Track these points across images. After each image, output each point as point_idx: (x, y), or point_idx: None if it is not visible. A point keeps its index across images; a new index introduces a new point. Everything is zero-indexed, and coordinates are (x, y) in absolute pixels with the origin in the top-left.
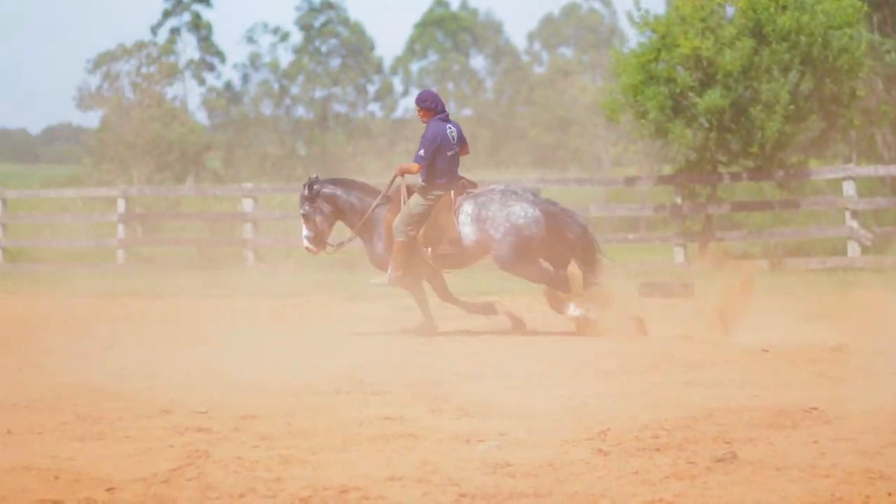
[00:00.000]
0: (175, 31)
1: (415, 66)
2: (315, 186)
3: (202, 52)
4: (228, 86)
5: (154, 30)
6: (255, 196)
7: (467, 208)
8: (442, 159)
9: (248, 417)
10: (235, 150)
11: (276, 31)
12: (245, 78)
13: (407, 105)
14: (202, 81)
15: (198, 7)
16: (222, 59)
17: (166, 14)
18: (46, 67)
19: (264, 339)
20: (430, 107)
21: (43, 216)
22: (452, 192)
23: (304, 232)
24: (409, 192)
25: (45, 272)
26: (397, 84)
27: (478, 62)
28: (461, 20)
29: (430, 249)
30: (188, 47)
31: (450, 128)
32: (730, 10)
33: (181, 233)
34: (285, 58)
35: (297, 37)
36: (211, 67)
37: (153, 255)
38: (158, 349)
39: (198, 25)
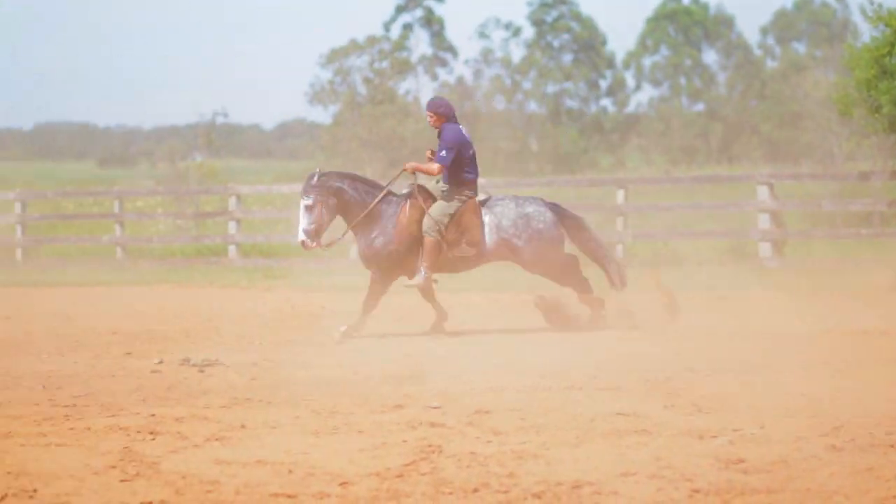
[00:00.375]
0: (407, 27)
1: (647, 61)
2: (322, 177)
3: (434, 48)
4: (460, 81)
5: (387, 26)
6: (487, 191)
7: (486, 213)
8: (466, 159)
9: (482, 412)
10: None
11: (508, 26)
12: (477, 73)
13: (639, 100)
14: (434, 77)
15: (430, 3)
16: (454, 54)
17: (399, 10)
18: (280, 63)
19: (497, 334)
20: (444, 112)
21: (276, 211)
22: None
23: (304, 224)
24: (425, 192)
25: (279, 268)
26: (629, 79)
27: (710, 56)
28: (693, 14)
29: (447, 250)
30: (420, 43)
31: (463, 127)
32: None
33: None
34: (517, 53)
35: (528, 32)
36: (443, 63)
37: None
38: (390, 343)
39: (430, 21)
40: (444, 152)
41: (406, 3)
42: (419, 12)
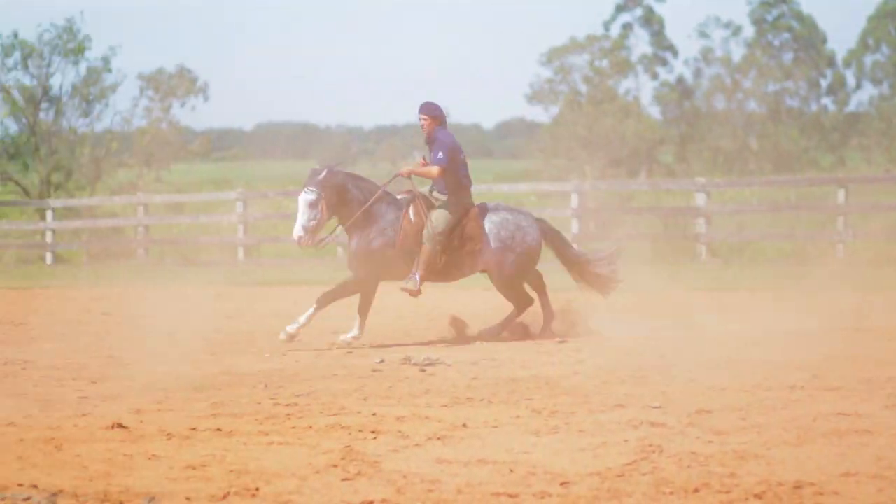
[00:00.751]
0: (627, 27)
1: (868, 60)
2: (329, 173)
3: (654, 47)
4: (680, 80)
5: (606, 25)
6: (707, 190)
7: (486, 222)
8: (462, 164)
9: (702, 412)
10: (688, 144)
11: (728, 25)
12: (697, 72)
13: (860, 99)
14: (654, 76)
15: (650, 2)
16: (674, 53)
17: (619, 9)
18: (501, 62)
19: (713, 333)
20: (439, 116)
21: None
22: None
23: (304, 220)
24: (425, 199)
25: None
26: (850, 77)
27: None
28: None
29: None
30: (640, 42)
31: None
32: None
33: (634, 228)
34: (737, 52)
35: (749, 31)
36: (663, 62)
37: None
38: (609, 343)
39: (650, 20)
40: (440, 154)
41: (625, 2)
42: (639, 11)
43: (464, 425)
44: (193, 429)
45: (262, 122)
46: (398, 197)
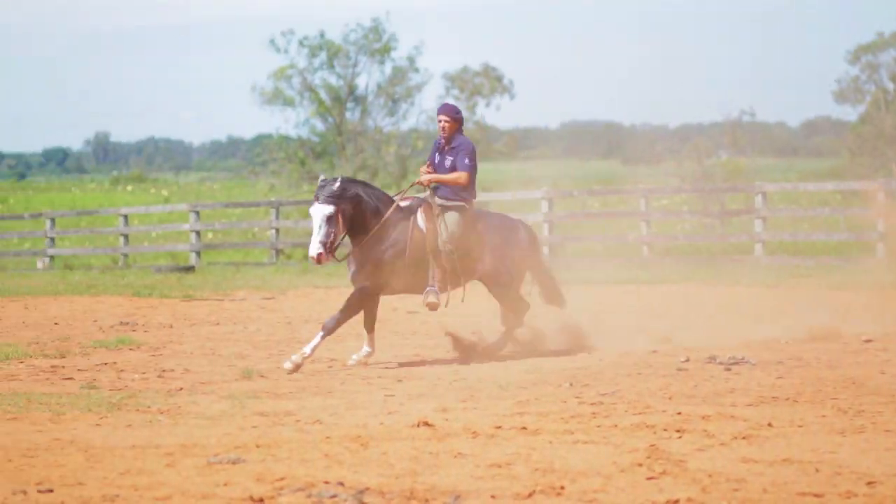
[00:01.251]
0: None
1: None
2: (344, 183)
3: None
4: None
5: None
6: None
7: (486, 228)
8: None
9: None
10: None
11: None
12: None
13: None
14: None
15: None
16: None
17: None
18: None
19: None
20: (460, 118)
21: (802, 210)
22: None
23: (322, 236)
24: (430, 206)
25: (805, 266)
26: None
27: None
28: None
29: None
30: None
31: None
32: None
33: None
34: None
35: None
36: None
37: None
38: None
39: None
40: (467, 160)
41: None
42: None
43: (769, 424)
44: (499, 427)
45: (566, 121)
46: (402, 204)
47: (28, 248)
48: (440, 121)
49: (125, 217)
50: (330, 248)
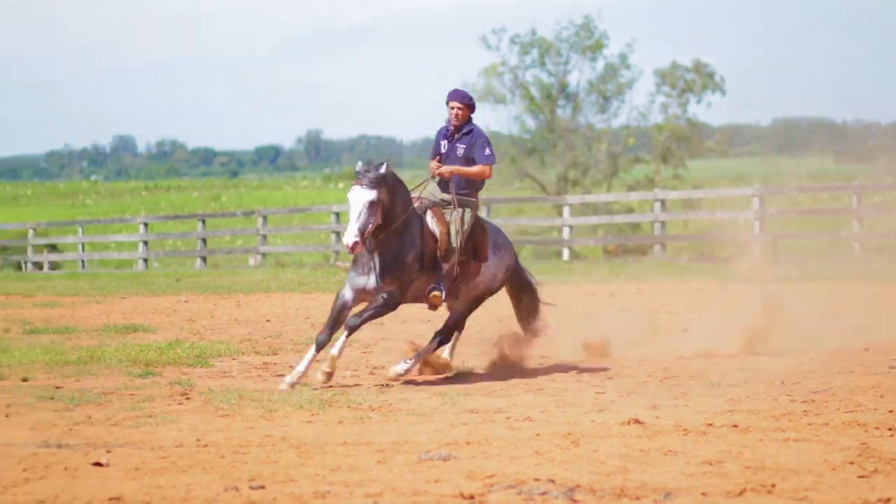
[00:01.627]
0: None
1: None
2: (389, 169)
3: None
4: None
5: None
6: None
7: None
8: None
9: None
10: None
11: None
12: None
13: None
14: None
15: None
16: None
17: None
18: None
19: None
20: (473, 104)
21: None
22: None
23: (361, 224)
24: (438, 206)
25: None
26: None
27: None
28: None
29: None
30: None
31: None
32: None
33: None
34: None
35: None
36: None
37: None
38: None
39: None
40: (487, 151)
41: None
42: None
43: None
44: (710, 424)
45: (778, 117)
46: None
47: (240, 246)
48: (452, 107)
49: (336, 214)
50: (366, 238)
